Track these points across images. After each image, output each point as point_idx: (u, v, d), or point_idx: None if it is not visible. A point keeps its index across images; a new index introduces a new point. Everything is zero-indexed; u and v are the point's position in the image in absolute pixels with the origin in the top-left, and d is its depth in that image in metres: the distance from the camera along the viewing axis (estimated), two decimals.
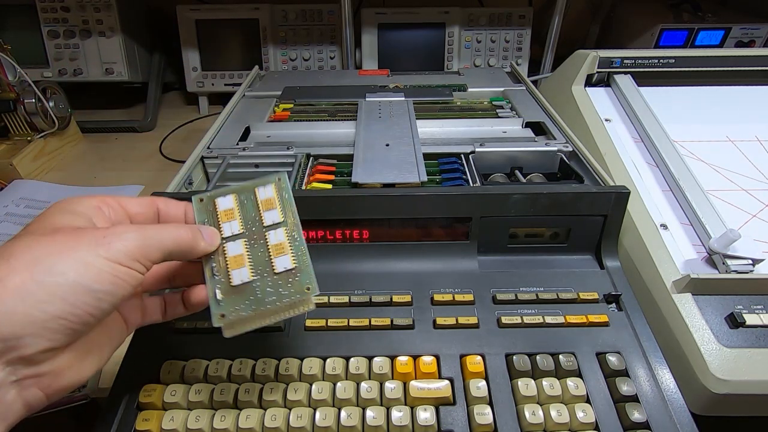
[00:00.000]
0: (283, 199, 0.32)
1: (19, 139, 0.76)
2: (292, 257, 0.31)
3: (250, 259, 0.31)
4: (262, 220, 0.32)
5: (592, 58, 0.64)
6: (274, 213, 0.32)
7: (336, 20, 0.94)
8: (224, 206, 0.32)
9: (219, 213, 0.32)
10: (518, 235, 0.45)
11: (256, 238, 0.31)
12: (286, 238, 0.31)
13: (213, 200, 0.32)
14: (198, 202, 0.32)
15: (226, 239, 0.31)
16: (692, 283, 0.39)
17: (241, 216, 0.32)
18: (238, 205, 0.32)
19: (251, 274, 0.31)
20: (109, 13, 0.86)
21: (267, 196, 0.32)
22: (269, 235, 0.31)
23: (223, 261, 0.31)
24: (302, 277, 0.31)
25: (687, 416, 0.33)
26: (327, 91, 0.72)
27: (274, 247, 0.31)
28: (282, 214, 0.32)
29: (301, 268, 0.31)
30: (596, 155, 0.52)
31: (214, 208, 0.32)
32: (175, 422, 0.33)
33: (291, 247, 0.31)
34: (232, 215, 0.32)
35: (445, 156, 0.52)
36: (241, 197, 0.32)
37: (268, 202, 0.32)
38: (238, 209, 0.32)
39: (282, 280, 0.31)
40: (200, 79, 0.96)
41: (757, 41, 0.89)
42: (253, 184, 0.33)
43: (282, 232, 0.31)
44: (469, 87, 0.73)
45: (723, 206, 0.47)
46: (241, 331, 0.30)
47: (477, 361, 0.36)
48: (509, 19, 0.94)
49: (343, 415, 0.33)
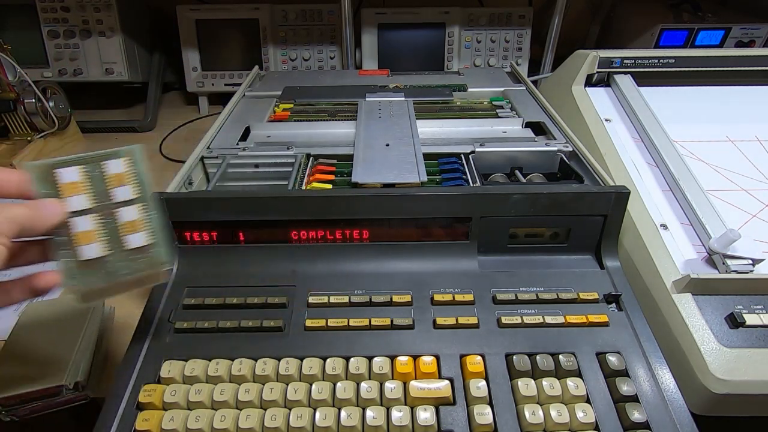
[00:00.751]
0: (135, 173, 0.31)
1: (19, 139, 0.76)
2: (145, 234, 0.31)
3: (102, 234, 0.31)
4: (112, 196, 0.31)
5: (592, 58, 0.64)
6: (126, 189, 0.31)
7: (336, 20, 0.94)
8: (68, 178, 0.30)
9: (62, 186, 0.30)
10: (518, 235, 0.45)
11: (107, 214, 0.31)
12: (138, 216, 0.31)
13: (51, 171, 0.30)
14: (33, 169, 0.30)
15: (74, 213, 0.30)
16: (692, 283, 0.39)
17: (91, 189, 0.31)
18: (85, 177, 0.31)
19: (102, 249, 0.30)
20: (109, 13, 0.86)
21: (117, 171, 0.31)
22: (120, 212, 0.31)
23: (70, 235, 0.30)
24: (156, 252, 0.32)
25: (687, 416, 0.33)
26: (327, 91, 0.72)
27: (127, 224, 0.31)
28: (134, 190, 0.31)
29: (156, 242, 0.32)
30: (596, 155, 0.52)
31: (54, 180, 0.30)
32: (175, 422, 0.33)
33: (144, 223, 0.31)
34: (78, 188, 0.30)
35: (445, 156, 0.52)
36: (88, 169, 0.31)
37: (118, 177, 0.31)
38: (86, 182, 0.31)
39: (134, 255, 0.31)
40: (200, 79, 0.96)
41: (757, 41, 0.89)
42: (100, 156, 0.31)
43: (134, 209, 0.31)
44: (469, 87, 0.73)
45: (723, 206, 0.47)
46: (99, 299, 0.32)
47: (477, 361, 0.36)
48: (509, 19, 0.94)
49: (343, 415, 0.33)
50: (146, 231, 0.31)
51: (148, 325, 0.39)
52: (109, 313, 0.50)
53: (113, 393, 0.35)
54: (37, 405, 0.41)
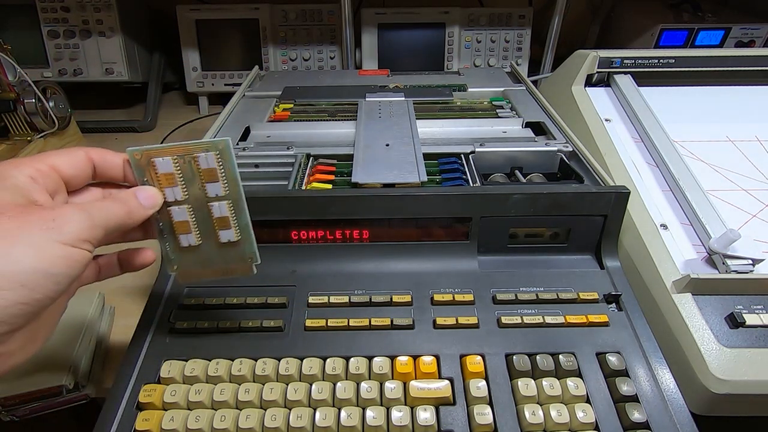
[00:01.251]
0: (226, 170, 0.32)
1: (19, 139, 0.76)
2: (235, 231, 0.33)
3: (196, 226, 0.32)
4: (205, 191, 0.32)
5: (592, 58, 0.64)
6: (217, 186, 0.32)
7: (336, 20, 0.94)
8: (164, 169, 0.31)
9: (159, 176, 0.31)
10: (518, 235, 0.45)
11: (200, 207, 0.32)
12: (229, 213, 0.32)
13: (149, 158, 0.31)
14: (134, 156, 0.31)
15: (170, 204, 0.32)
16: (692, 283, 0.39)
17: (183, 182, 0.32)
18: (178, 170, 0.31)
19: (198, 239, 0.33)
20: (109, 13, 0.86)
21: (209, 166, 0.32)
22: (213, 207, 0.32)
23: (171, 224, 0.32)
24: (245, 248, 0.33)
25: (687, 416, 0.33)
26: (327, 91, 0.72)
27: (218, 220, 0.32)
28: (225, 188, 0.32)
29: (244, 239, 0.33)
30: (596, 155, 0.52)
31: (152, 168, 0.31)
32: (175, 422, 0.33)
33: (234, 221, 0.33)
34: (173, 180, 0.31)
35: (445, 156, 0.52)
36: (182, 161, 0.31)
37: (210, 172, 0.32)
38: (179, 174, 0.31)
39: (226, 248, 0.33)
40: (200, 79, 0.96)
41: (757, 41, 0.89)
42: (194, 147, 0.31)
43: (225, 206, 0.32)
44: (469, 87, 0.72)
45: (723, 206, 0.47)
46: (194, 279, 0.34)
47: (477, 361, 0.36)
48: (509, 19, 0.94)
49: (343, 415, 0.33)
50: (236, 228, 0.33)
51: (148, 325, 0.39)
52: (109, 313, 0.50)
53: (113, 393, 0.35)
54: (37, 405, 0.41)
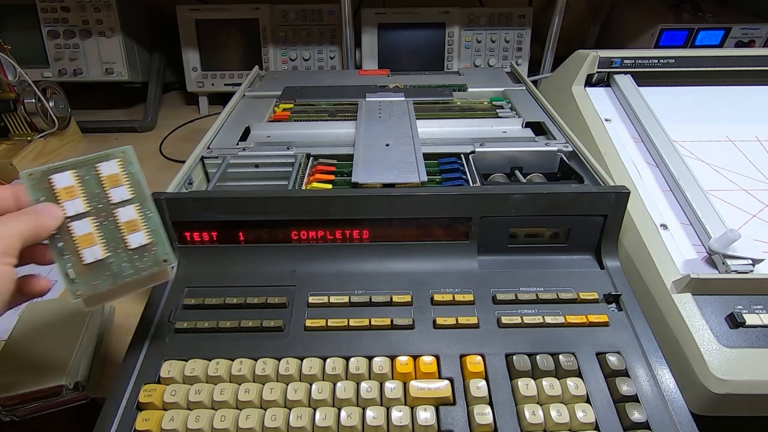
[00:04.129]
0: (129, 174, 0.32)
1: (19, 139, 0.76)
2: (146, 233, 0.32)
3: (101, 236, 0.31)
4: (109, 198, 0.31)
5: (592, 58, 0.64)
6: (122, 190, 0.31)
7: (336, 20, 0.94)
8: (62, 183, 0.30)
9: (57, 191, 0.30)
10: (518, 235, 0.45)
11: (105, 216, 0.31)
12: (137, 215, 0.32)
13: (47, 177, 0.30)
14: (28, 177, 0.30)
15: (71, 218, 0.30)
16: (692, 283, 0.39)
17: (85, 193, 0.31)
18: (79, 182, 0.31)
19: (104, 251, 0.31)
20: (109, 13, 0.86)
21: (111, 172, 0.31)
22: (119, 212, 0.31)
23: (71, 240, 0.30)
24: (159, 249, 0.32)
25: (687, 416, 0.33)
26: (327, 91, 0.72)
27: (126, 224, 0.31)
28: (130, 191, 0.32)
29: (156, 241, 0.32)
30: (596, 155, 0.52)
31: (50, 186, 0.30)
32: (175, 422, 0.33)
33: (143, 222, 0.32)
34: (73, 193, 0.31)
35: (445, 156, 0.52)
36: (82, 173, 0.31)
37: (113, 178, 0.31)
38: (80, 186, 0.31)
39: (137, 254, 0.32)
40: (200, 79, 0.96)
41: (757, 41, 0.89)
42: (94, 158, 0.31)
43: (132, 209, 0.32)
44: (469, 87, 0.73)
45: (723, 206, 0.47)
46: (103, 302, 0.32)
47: (477, 361, 0.36)
48: (509, 19, 0.94)
49: (343, 415, 0.33)
50: (146, 230, 0.32)
51: (148, 325, 0.39)
52: (109, 313, 0.50)
53: (113, 393, 0.35)
54: (37, 405, 0.41)
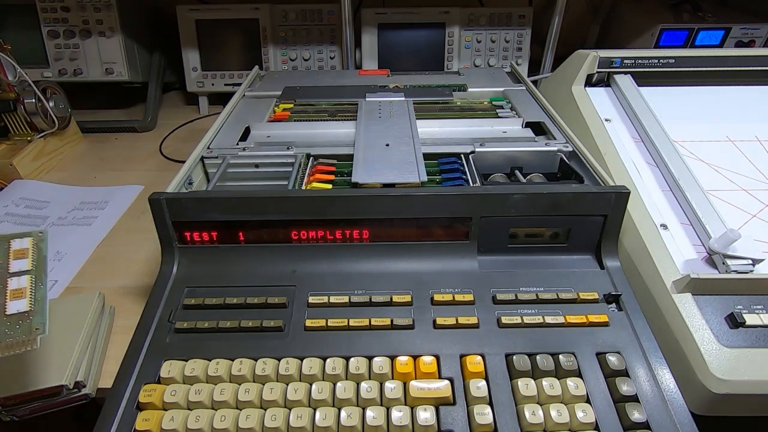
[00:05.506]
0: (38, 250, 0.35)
1: (19, 139, 0.76)
2: (29, 301, 0.34)
3: None
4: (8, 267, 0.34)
5: (592, 58, 0.64)
6: (24, 262, 0.34)
7: (336, 20, 0.94)
8: None
9: None
10: (518, 235, 0.45)
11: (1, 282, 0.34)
12: (28, 285, 0.34)
13: None
14: None
15: None
16: (692, 283, 0.39)
17: None
18: None
19: None
20: (109, 13, 0.86)
21: (21, 247, 0.35)
22: (11, 280, 0.34)
23: None
24: (35, 319, 0.33)
25: (687, 416, 0.33)
26: (327, 91, 0.72)
27: (13, 291, 0.34)
28: (32, 263, 0.35)
29: (36, 310, 0.33)
30: (596, 155, 0.52)
31: None
32: (175, 422, 0.33)
33: (31, 292, 0.34)
34: None
35: (445, 156, 0.52)
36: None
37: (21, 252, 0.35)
38: None
39: (11, 321, 0.33)
40: (200, 79, 0.96)
41: (757, 41, 0.88)
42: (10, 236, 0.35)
43: (26, 278, 0.34)
44: (469, 87, 0.73)
45: (723, 206, 0.47)
46: None
47: (477, 361, 0.36)
48: (509, 19, 0.94)
49: (343, 415, 0.33)
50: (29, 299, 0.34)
51: (148, 325, 0.39)
52: (109, 313, 0.50)
53: (113, 393, 0.35)
54: (37, 405, 0.41)
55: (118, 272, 0.55)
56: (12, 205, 0.67)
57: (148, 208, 0.42)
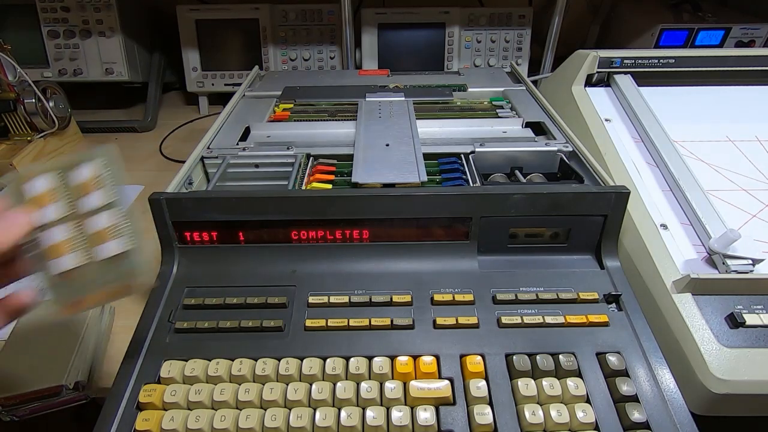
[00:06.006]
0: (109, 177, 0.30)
1: (19, 139, 0.76)
2: (119, 242, 0.30)
3: (73, 246, 0.29)
4: (84, 204, 0.29)
5: (592, 58, 0.64)
6: (97, 195, 0.29)
7: (336, 20, 0.94)
8: (37, 190, 0.29)
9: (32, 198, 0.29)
10: (518, 235, 0.45)
11: (78, 223, 0.29)
12: (112, 222, 0.29)
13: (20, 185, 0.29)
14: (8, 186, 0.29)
15: (42, 227, 0.29)
16: (692, 283, 0.39)
17: (59, 199, 0.29)
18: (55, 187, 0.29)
19: (75, 261, 0.29)
20: (109, 13, 0.86)
21: (88, 177, 0.29)
22: (93, 220, 0.29)
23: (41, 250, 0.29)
24: (131, 261, 0.30)
25: (687, 416, 0.33)
26: (327, 91, 0.72)
27: (99, 233, 0.29)
28: (106, 196, 0.29)
29: (130, 252, 0.30)
30: (596, 155, 0.52)
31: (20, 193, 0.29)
32: (175, 422, 0.33)
33: (118, 231, 0.30)
34: (46, 199, 0.29)
35: (445, 156, 0.52)
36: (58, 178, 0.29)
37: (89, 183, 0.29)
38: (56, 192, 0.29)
39: (109, 265, 0.30)
40: (200, 79, 0.96)
41: (757, 41, 0.89)
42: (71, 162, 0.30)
43: (106, 216, 0.29)
44: (469, 87, 0.73)
45: (723, 206, 0.47)
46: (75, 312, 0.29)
47: (477, 361, 0.36)
48: (509, 19, 0.94)
49: (343, 415, 0.33)
50: (119, 239, 0.30)
51: (148, 325, 0.39)
52: (110, 313, 0.50)
53: (113, 393, 0.35)
54: (37, 405, 0.41)
55: None
56: None
57: (148, 208, 0.42)
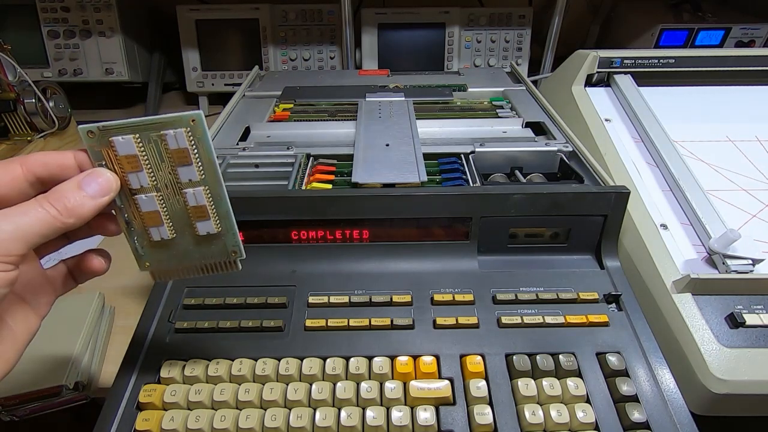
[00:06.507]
0: (200, 150, 0.28)
1: (19, 139, 0.76)
2: (215, 222, 0.29)
3: (168, 217, 0.28)
4: (177, 176, 0.28)
5: (592, 58, 0.64)
6: (191, 169, 0.28)
7: (336, 20, 0.94)
8: (125, 150, 0.27)
9: (120, 159, 0.27)
10: (518, 235, 0.45)
11: (171, 194, 0.28)
12: (206, 201, 0.28)
13: (108, 138, 0.26)
14: (88, 136, 0.26)
15: (135, 191, 0.27)
16: (692, 283, 0.39)
17: (150, 166, 0.27)
18: (142, 150, 0.27)
19: (171, 233, 0.29)
20: (109, 13, 0.86)
21: (179, 146, 0.27)
22: (187, 194, 0.28)
23: (138, 215, 0.28)
24: (227, 240, 0.30)
25: (687, 416, 0.33)
26: (327, 91, 0.72)
27: (194, 209, 0.28)
28: (200, 171, 0.28)
29: (225, 231, 0.29)
30: (596, 155, 0.52)
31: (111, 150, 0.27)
32: (175, 422, 0.33)
33: (213, 210, 0.29)
34: (137, 163, 0.27)
35: (445, 156, 0.52)
36: (145, 140, 0.27)
37: (181, 153, 0.27)
38: (144, 157, 0.27)
39: (206, 241, 0.29)
40: (200, 79, 0.96)
41: (757, 41, 0.89)
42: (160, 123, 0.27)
43: (201, 192, 0.28)
44: (469, 87, 0.72)
45: (723, 206, 0.47)
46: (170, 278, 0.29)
47: (477, 361, 0.36)
48: (509, 19, 0.94)
49: (343, 415, 0.33)
50: (215, 218, 0.29)
51: (148, 325, 0.39)
52: (110, 313, 0.50)
53: (113, 393, 0.35)
54: (37, 405, 0.41)
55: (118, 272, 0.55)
56: None
57: None
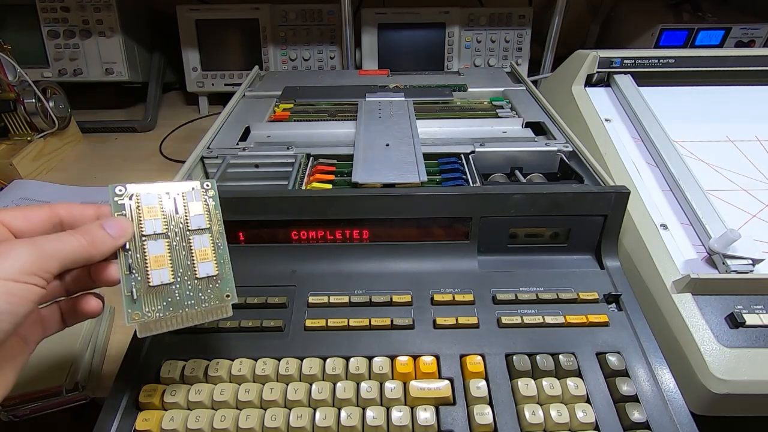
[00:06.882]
0: (209, 206, 0.33)
1: (19, 139, 0.76)
2: (215, 264, 0.32)
3: (171, 261, 0.31)
4: (188, 224, 0.32)
5: (592, 58, 0.64)
6: (200, 218, 0.32)
7: (336, 20, 0.94)
8: (147, 202, 0.31)
9: (143, 209, 0.31)
10: (518, 235, 0.45)
11: (179, 241, 0.31)
12: (210, 245, 0.32)
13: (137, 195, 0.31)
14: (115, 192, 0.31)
15: (147, 237, 0.31)
16: (692, 283, 0.39)
17: (164, 216, 0.31)
18: (161, 202, 0.32)
19: (171, 276, 0.31)
20: (109, 13, 0.86)
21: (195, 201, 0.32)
22: (194, 239, 0.32)
23: (143, 259, 0.30)
24: (222, 285, 0.32)
25: (687, 416, 0.33)
26: (327, 91, 0.72)
27: (199, 252, 0.32)
28: (208, 220, 0.32)
29: (223, 275, 0.32)
30: (596, 155, 0.52)
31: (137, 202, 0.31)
32: (175, 422, 0.33)
33: (215, 254, 0.32)
34: (155, 213, 0.31)
35: (445, 156, 0.52)
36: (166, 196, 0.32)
37: (194, 206, 0.32)
38: (161, 208, 0.31)
39: (202, 285, 0.32)
40: (200, 79, 0.96)
41: (757, 41, 0.89)
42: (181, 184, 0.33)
43: (207, 238, 0.32)
44: (469, 87, 0.72)
45: (723, 206, 0.47)
46: (155, 331, 0.30)
47: (477, 361, 0.36)
48: (509, 19, 0.94)
49: (343, 415, 0.33)
50: (215, 262, 0.32)
51: None
52: (109, 313, 0.50)
53: (113, 393, 0.35)
54: (37, 405, 0.41)
55: None
56: (12, 204, 0.67)
57: None
